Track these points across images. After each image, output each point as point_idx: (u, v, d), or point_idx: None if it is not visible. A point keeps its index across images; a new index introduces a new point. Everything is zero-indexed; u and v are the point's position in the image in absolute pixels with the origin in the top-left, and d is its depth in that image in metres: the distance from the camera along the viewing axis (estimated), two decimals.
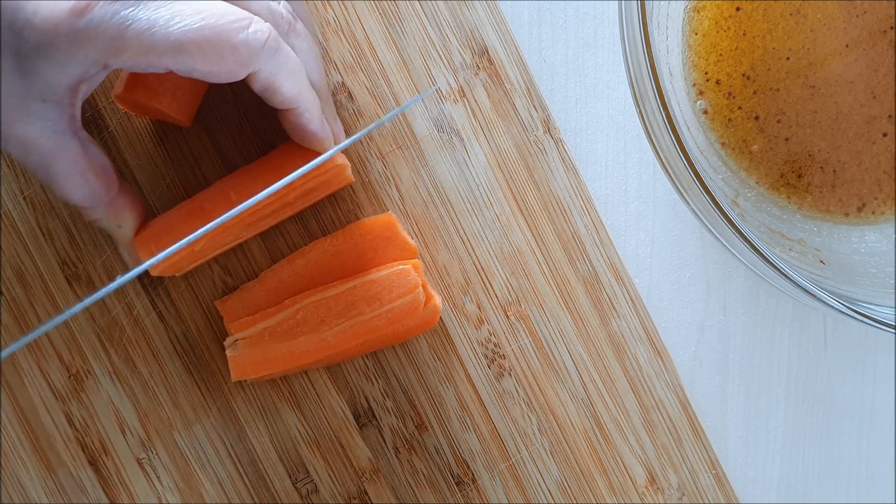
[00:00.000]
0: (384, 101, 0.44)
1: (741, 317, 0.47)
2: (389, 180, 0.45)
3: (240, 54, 0.35)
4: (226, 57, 0.35)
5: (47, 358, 0.44)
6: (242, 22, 0.35)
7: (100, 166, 0.39)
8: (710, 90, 0.45)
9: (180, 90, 0.41)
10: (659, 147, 0.38)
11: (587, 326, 0.45)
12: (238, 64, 0.35)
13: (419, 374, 0.45)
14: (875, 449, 0.47)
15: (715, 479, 0.46)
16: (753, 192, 0.46)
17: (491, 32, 0.45)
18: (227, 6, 0.36)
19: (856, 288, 0.41)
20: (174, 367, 0.44)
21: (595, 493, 0.45)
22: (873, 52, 0.44)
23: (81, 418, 0.44)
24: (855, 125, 0.45)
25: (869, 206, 0.45)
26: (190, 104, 0.42)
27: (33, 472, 0.44)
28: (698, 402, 0.47)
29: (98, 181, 0.38)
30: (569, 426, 0.45)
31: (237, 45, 0.35)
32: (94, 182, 0.38)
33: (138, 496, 0.44)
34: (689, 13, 0.45)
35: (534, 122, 0.45)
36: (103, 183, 0.39)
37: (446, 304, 0.45)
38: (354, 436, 0.44)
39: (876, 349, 0.47)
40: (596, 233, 0.45)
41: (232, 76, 0.36)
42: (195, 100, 0.42)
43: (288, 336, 0.42)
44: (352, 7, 0.44)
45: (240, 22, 0.35)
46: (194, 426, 0.44)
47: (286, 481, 0.44)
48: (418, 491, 0.45)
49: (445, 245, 0.45)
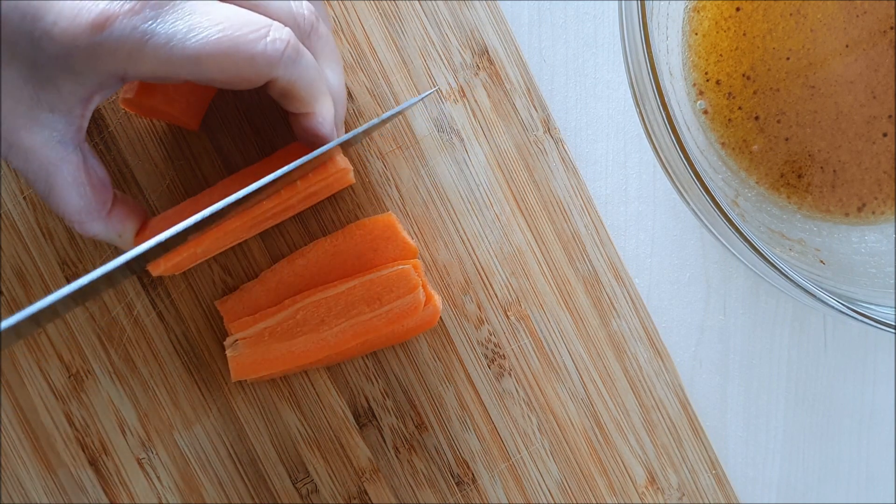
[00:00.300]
0: (384, 100, 0.44)
1: (741, 317, 0.47)
2: (389, 180, 0.45)
3: (258, 65, 0.35)
4: (244, 68, 0.35)
5: (47, 358, 0.44)
6: (260, 31, 0.35)
7: (98, 180, 0.38)
8: (710, 90, 0.45)
9: (194, 96, 0.41)
10: (659, 147, 0.38)
11: (587, 326, 0.45)
12: (256, 74, 0.35)
13: (419, 374, 0.45)
14: (875, 449, 0.47)
15: (715, 479, 0.46)
16: (753, 192, 0.46)
17: (491, 32, 0.45)
18: (246, 14, 0.35)
19: (856, 288, 0.41)
20: (174, 367, 0.44)
21: (595, 493, 0.45)
22: (873, 52, 0.44)
23: (81, 418, 0.44)
24: (855, 125, 0.45)
25: (869, 206, 0.45)
26: (200, 108, 0.42)
27: (33, 472, 0.44)
28: (698, 402, 0.47)
29: (95, 195, 0.38)
30: (569, 426, 0.45)
31: (255, 55, 0.35)
32: (90, 196, 0.38)
33: (138, 496, 0.44)
34: (689, 13, 0.45)
35: (534, 122, 0.45)
36: (100, 197, 0.38)
37: (446, 304, 0.45)
38: (354, 436, 0.44)
39: (876, 349, 0.47)
40: (596, 233, 0.45)
41: (250, 84, 0.36)
42: (205, 104, 0.42)
43: (288, 336, 0.42)
44: (352, 7, 0.44)
45: (257, 32, 0.35)
46: (194, 426, 0.44)
47: (286, 481, 0.44)
48: (418, 491, 0.45)
49: (445, 245, 0.45)
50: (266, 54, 0.35)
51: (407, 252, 0.43)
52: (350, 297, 0.42)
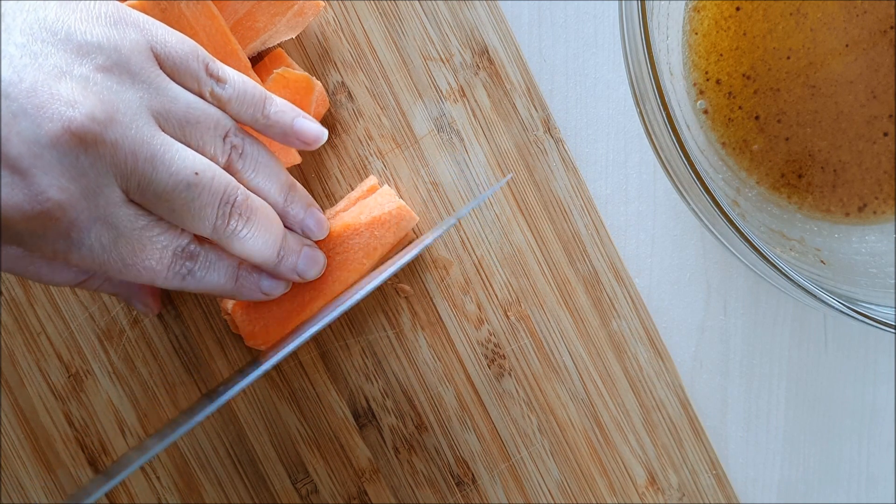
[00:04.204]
0: (384, 100, 0.44)
1: (741, 317, 0.47)
2: (389, 180, 0.45)
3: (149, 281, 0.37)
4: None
5: (47, 358, 0.44)
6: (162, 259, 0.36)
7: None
8: (711, 90, 0.45)
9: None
10: (659, 147, 0.38)
11: (587, 326, 0.45)
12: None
13: (419, 374, 0.45)
14: (875, 449, 0.47)
15: (715, 479, 0.46)
16: (754, 192, 0.45)
17: (491, 32, 0.45)
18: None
19: (856, 288, 0.41)
20: (174, 367, 0.44)
21: (595, 493, 0.45)
22: (873, 51, 0.44)
23: (81, 418, 0.44)
24: (855, 125, 0.44)
25: (869, 206, 0.45)
26: None
27: (33, 472, 0.44)
28: (698, 403, 0.47)
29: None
30: (569, 426, 0.45)
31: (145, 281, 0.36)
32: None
33: (138, 496, 0.44)
34: (689, 13, 0.45)
35: (534, 121, 0.45)
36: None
37: (446, 304, 0.45)
38: (354, 436, 0.44)
39: (876, 349, 0.47)
40: (596, 233, 0.45)
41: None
42: None
43: (290, 293, 0.42)
44: (352, 7, 0.44)
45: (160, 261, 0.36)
46: (194, 426, 0.44)
47: (286, 481, 0.44)
48: (418, 491, 0.45)
49: (445, 245, 0.45)
50: (162, 282, 0.36)
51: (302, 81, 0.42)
52: (336, 237, 0.42)
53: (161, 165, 0.34)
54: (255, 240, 0.37)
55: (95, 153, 0.33)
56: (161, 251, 0.35)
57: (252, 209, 0.37)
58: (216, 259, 0.38)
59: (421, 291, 0.45)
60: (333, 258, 0.42)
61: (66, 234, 0.33)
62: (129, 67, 0.34)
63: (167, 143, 0.34)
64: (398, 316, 0.45)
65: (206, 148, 0.36)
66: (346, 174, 0.44)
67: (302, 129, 0.39)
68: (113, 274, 0.35)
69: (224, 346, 0.44)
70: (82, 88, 0.33)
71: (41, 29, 0.33)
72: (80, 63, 0.33)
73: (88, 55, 0.33)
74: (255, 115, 0.38)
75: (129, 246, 0.34)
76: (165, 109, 0.35)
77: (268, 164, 0.39)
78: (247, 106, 0.37)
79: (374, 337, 0.44)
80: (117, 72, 0.34)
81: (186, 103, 0.35)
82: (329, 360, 0.44)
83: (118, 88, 0.34)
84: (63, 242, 0.33)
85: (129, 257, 0.35)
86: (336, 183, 0.44)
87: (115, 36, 0.34)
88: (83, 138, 0.32)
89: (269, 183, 0.39)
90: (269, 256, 0.38)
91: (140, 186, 0.34)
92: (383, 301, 0.44)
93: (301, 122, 0.39)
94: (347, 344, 0.44)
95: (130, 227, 0.34)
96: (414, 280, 0.45)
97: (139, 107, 0.34)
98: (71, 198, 0.32)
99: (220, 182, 0.35)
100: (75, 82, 0.33)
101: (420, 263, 0.45)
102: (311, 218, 0.40)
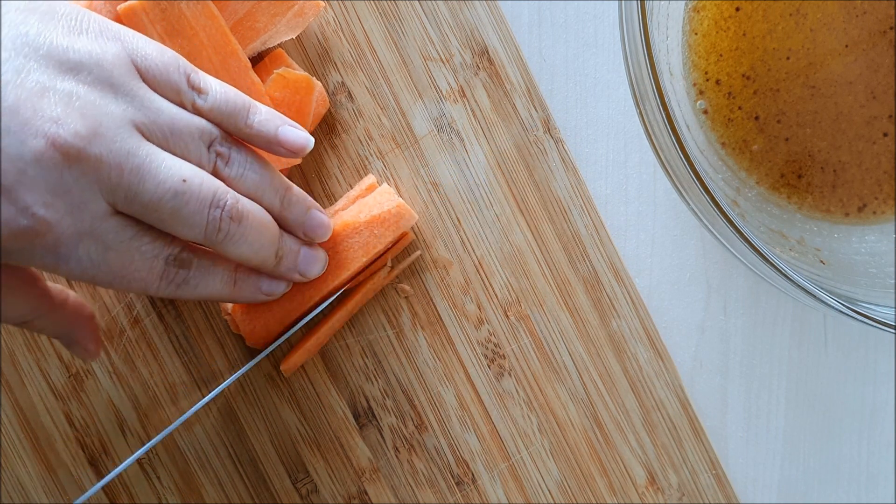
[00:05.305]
0: (384, 100, 0.44)
1: (741, 317, 0.47)
2: (389, 180, 0.45)
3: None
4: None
5: (47, 358, 0.44)
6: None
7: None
8: (710, 90, 0.45)
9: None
10: (659, 147, 0.38)
11: (587, 326, 0.45)
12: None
13: (419, 373, 0.45)
14: (875, 449, 0.47)
15: (715, 479, 0.46)
16: (753, 192, 0.46)
17: (491, 32, 0.45)
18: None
19: (856, 288, 0.41)
20: (174, 367, 0.44)
21: (595, 493, 0.45)
22: (873, 52, 0.44)
23: (81, 418, 0.44)
24: (855, 125, 0.45)
25: (869, 207, 0.45)
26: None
27: (33, 472, 0.44)
28: (698, 403, 0.47)
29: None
30: (569, 426, 0.45)
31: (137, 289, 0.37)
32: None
33: (138, 496, 0.44)
34: (689, 13, 0.45)
35: (534, 121, 0.45)
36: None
37: (446, 304, 0.45)
38: (354, 436, 0.44)
39: (876, 349, 0.47)
40: (596, 233, 0.45)
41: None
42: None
43: (290, 292, 0.42)
44: (352, 7, 0.44)
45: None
46: (194, 426, 0.44)
47: (286, 481, 0.44)
48: (418, 491, 0.45)
49: (445, 245, 0.45)
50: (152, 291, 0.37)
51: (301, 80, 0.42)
52: (334, 235, 0.42)
53: (148, 175, 0.34)
54: (248, 243, 0.37)
55: (79, 169, 0.33)
56: (151, 261, 0.35)
57: (243, 213, 0.37)
58: (210, 265, 0.38)
59: (421, 291, 0.45)
60: (333, 257, 0.42)
61: (53, 250, 0.33)
62: (111, 81, 0.34)
63: (153, 153, 0.34)
64: (398, 316, 0.45)
65: (191, 157, 0.36)
66: (346, 174, 0.44)
67: (286, 138, 0.38)
68: (104, 286, 0.35)
69: (224, 346, 0.44)
70: (65, 105, 0.33)
71: (23, 45, 0.33)
72: (62, 79, 0.33)
73: (71, 70, 0.33)
74: (237, 125, 0.38)
75: (119, 258, 0.34)
76: (150, 121, 0.35)
77: (259, 170, 0.38)
78: (228, 116, 0.37)
79: (374, 337, 0.45)
80: (100, 86, 0.34)
81: (170, 114, 0.35)
82: (329, 360, 0.44)
83: (101, 103, 0.34)
84: (51, 257, 0.33)
85: (119, 269, 0.35)
86: (336, 183, 0.44)
87: (97, 50, 0.34)
88: (67, 154, 0.32)
89: (262, 188, 0.38)
90: (265, 258, 0.38)
91: (127, 198, 0.34)
92: (383, 301, 0.44)
93: (286, 130, 0.39)
94: (347, 344, 0.44)
95: (118, 239, 0.34)
96: (414, 280, 0.45)
97: (123, 120, 0.34)
98: (56, 214, 0.33)
99: (208, 187, 0.35)
100: (58, 98, 0.33)
101: (420, 263, 0.45)
102: (311, 220, 0.40)
